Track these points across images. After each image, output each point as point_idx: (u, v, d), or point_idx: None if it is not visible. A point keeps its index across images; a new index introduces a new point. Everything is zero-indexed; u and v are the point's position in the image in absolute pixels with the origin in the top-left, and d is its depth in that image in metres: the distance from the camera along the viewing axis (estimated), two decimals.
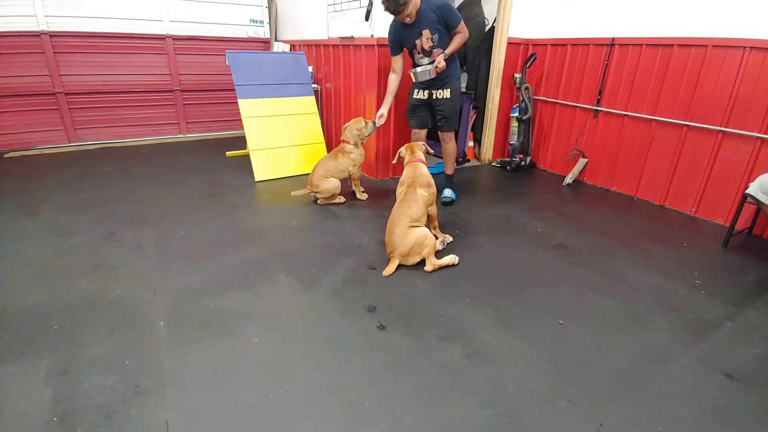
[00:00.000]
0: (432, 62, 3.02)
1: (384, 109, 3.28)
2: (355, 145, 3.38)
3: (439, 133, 3.37)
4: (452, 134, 3.37)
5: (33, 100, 4.71)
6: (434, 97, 3.21)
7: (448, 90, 3.16)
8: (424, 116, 3.34)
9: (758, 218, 2.99)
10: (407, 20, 2.89)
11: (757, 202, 2.47)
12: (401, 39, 3.08)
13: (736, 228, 2.82)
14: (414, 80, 3.12)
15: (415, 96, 3.28)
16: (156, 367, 1.70)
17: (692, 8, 3.18)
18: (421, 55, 3.08)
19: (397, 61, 3.21)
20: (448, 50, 3.00)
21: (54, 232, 2.86)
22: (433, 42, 2.99)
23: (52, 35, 4.60)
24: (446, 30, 2.98)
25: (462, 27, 3.01)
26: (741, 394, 1.63)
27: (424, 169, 2.67)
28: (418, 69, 3.03)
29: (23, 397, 1.54)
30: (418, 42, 3.02)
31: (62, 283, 2.27)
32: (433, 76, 3.02)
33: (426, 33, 2.96)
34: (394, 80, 3.25)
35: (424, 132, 3.40)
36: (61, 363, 1.70)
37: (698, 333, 1.98)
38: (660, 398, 1.60)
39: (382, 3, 2.79)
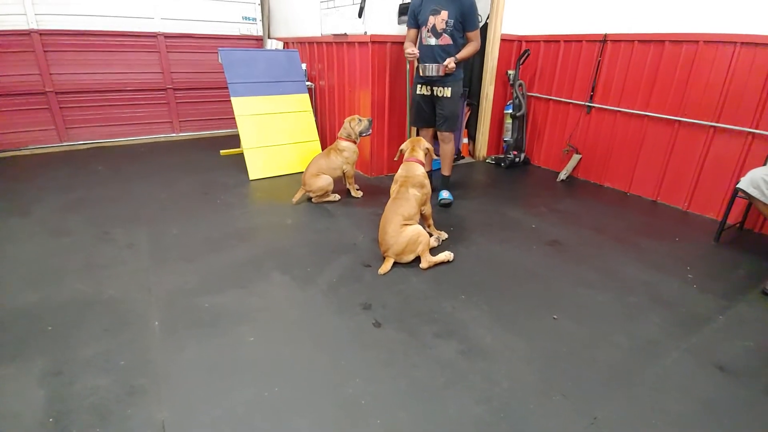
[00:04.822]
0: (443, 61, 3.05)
1: (411, 48, 3.16)
2: (354, 140, 3.39)
3: (438, 133, 3.36)
4: (451, 135, 3.37)
5: (23, 99, 4.64)
6: (436, 94, 3.22)
7: (449, 89, 3.16)
8: (427, 115, 3.34)
9: (749, 213, 3.02)
10: None
11: (748, 197, 2.49)
12: (420, 11, 3.07)
13: (727, 222, 2.85)
14: (420, 73, 3.14)
15: (417, 92, 3.29)
16: (151, 366, 1.70)
17: (683, 4, 3.20)
18: (429, 34, 3.08)
19: (412, 35, 3.20)
20: (460, 56, 3.06)
21: (46, 232, 2.83)
22: (447, 26, 3.00)
23: (42, 33, 4.53)
24: (461, 27, 3.01)
25: (476, 36, 3.09)
26: (732, 387, 1.65)
27: (418, 170, 2.64)
28: (428, 65, 3.05)
29: (17, 399, 1.53)
30: (432, 19, 3.02)
31: (55, 283, 2.25)
32: (441, 74, 3.05)
33: (444, 14, 2.97)
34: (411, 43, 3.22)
35: (430, 132, 3.41)
36: (55, 364, 1.69)
37: (690, 327, 2.00)
38: (652, 392, 1.62)
39: None
